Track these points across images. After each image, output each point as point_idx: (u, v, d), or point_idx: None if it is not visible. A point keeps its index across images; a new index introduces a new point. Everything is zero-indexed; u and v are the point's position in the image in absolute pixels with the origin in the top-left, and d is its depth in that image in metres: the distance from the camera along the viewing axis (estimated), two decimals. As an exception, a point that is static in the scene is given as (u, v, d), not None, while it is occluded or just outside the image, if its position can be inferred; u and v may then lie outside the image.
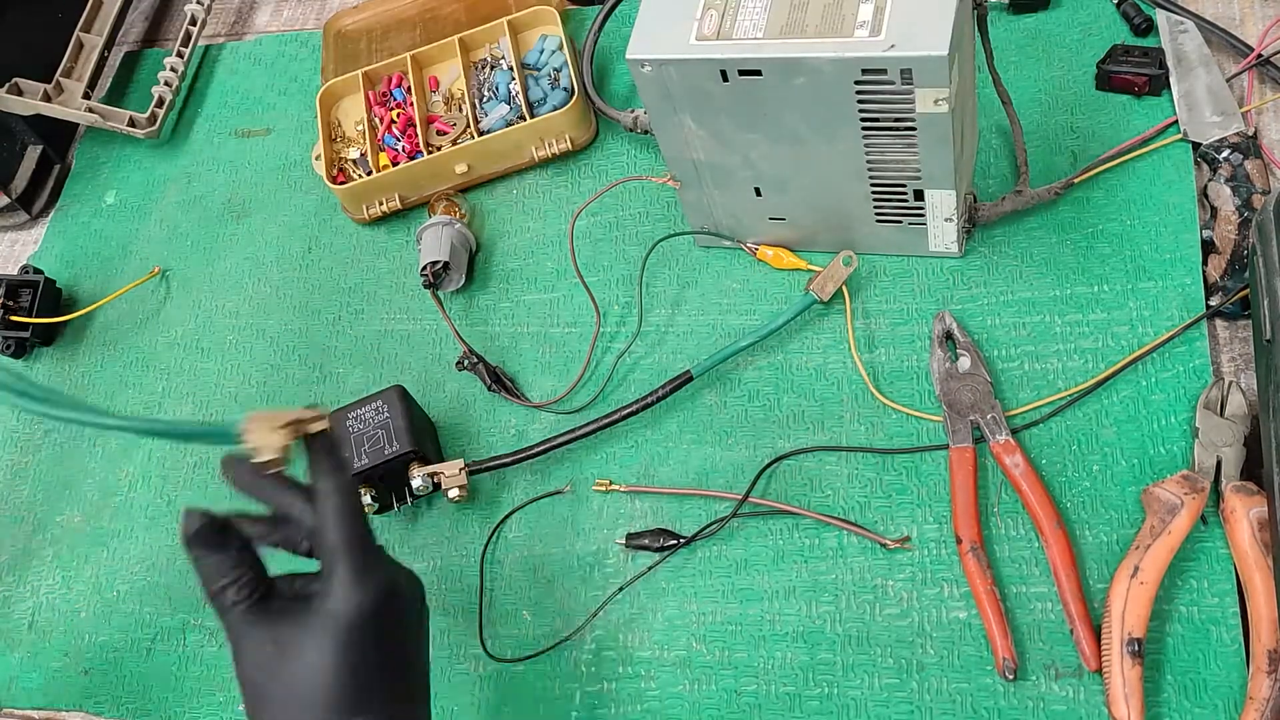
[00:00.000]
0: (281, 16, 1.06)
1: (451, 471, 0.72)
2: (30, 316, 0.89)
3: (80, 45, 0.98)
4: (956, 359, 0.71)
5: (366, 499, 0.72)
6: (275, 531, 0.52)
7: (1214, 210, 0.71)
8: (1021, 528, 0.66)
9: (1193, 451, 0.64)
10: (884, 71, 0.60)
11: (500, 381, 0.78)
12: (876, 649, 0.65)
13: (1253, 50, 0.76)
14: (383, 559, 0.52)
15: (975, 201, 0.74)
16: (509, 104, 0.87)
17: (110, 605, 0.79)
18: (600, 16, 0.87)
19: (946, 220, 0.71)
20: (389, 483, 0.73)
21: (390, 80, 0.92)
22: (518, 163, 0.87)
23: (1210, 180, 0.72)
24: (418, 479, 0.72)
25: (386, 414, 0.73)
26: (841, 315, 0.75)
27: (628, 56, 0.65)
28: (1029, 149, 0.75)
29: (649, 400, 0.73)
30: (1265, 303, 0.62)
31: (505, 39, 0.90)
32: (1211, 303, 0.69)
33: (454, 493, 0.73)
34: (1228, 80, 0.76)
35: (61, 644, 0.78)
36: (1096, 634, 0.61)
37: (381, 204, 0.87)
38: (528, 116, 0.86)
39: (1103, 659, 0.60)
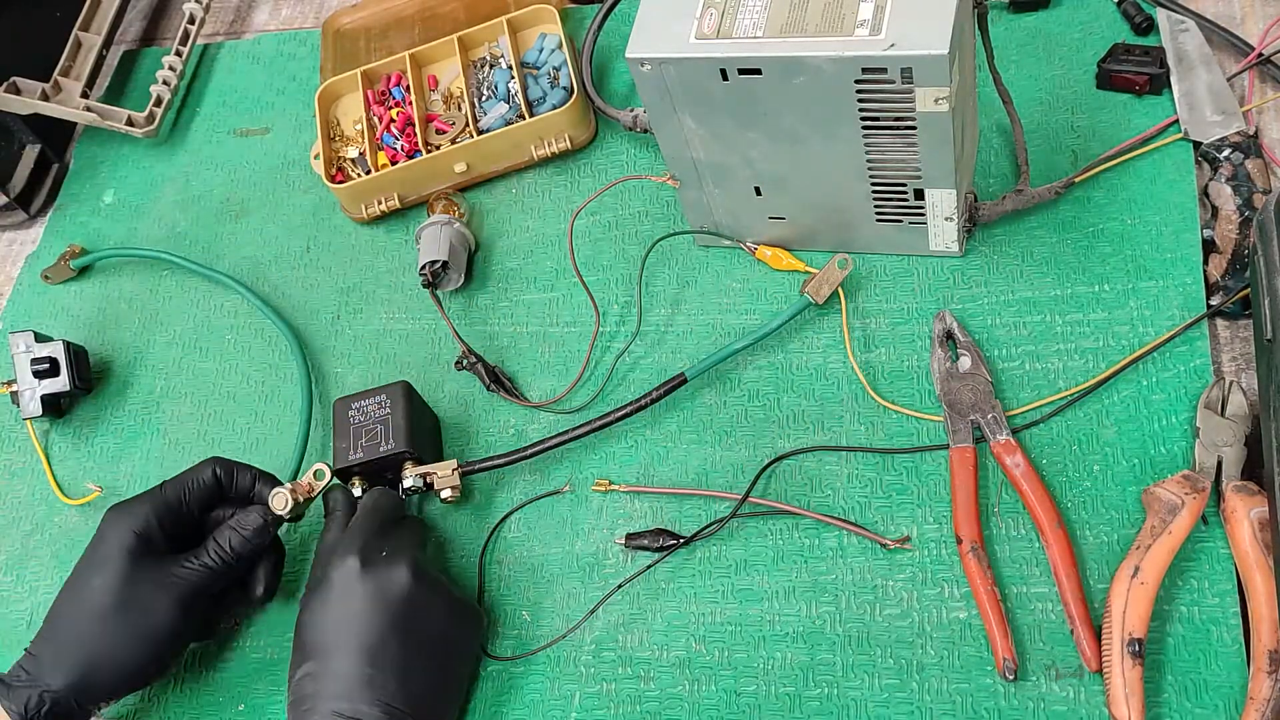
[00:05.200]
0: (280, 15, 1.06)
1: (444, 472, 0.72)
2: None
3: (79, 44, 0.98)
4: (957, 358, 0.71)
5: (357, 491, 0.72)
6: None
7: (1215, 209, 0.71)
8: (1022, 528, 0.66)
9: (1193, 451, 0.64)
10: (884, 70, 0.60)
11: (499, 381, 0.78)
12: (877, 649, 0.65)
13: (1253, 49, 0.76)
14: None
15: (976, 201, 0.74)
16: (508, 103, 0.87)
17: (108, 605, 0.79)
18: (600, 15, 0.87)
19: (947, 219, 0.71)
20: (382, 479, 0.73)
21: (389, 79, 0.92)
22: (517, 162, 0.87)
23: (1211, 179, 0.72)
24: (410, 478, 0.72)
25: (388, 409, 0.73)
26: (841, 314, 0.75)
27: (627, 55, 0.65)
28: (1030, 148, 0.75)
29: (643, 402, 0.72)
30: (1266, 302, 0.62)
31: (504, 37, 0.90)
32: (1212, 302, 0.69)
33: (446, 493, 0.72)
34: (1228, 79, 0.75)
35: (60, 644, 0.78)
36: (1097, 634, 0.61)
37: (380, 203, 0.87)
38: (527, 115, 0.85)
39: (1103, 659, 0.60)
